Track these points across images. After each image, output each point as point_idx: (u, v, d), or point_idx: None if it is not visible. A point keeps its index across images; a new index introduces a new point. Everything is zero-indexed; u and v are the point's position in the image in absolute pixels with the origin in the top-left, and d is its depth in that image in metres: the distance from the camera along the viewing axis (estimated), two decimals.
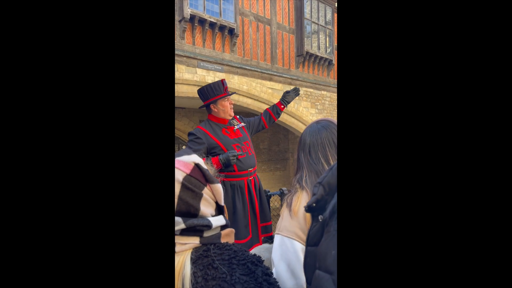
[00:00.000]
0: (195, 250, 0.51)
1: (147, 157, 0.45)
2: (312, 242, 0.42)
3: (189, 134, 1.77)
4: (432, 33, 0.35)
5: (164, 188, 0.45)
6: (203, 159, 0.59)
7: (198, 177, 0.54)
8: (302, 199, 0.71)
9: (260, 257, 0.52)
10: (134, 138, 0.44)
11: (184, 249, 0.50)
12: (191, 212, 0.52)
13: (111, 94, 0.44)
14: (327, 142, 0.75)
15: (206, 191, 0.54)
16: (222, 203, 0.57)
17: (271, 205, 2.25)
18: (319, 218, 0.41)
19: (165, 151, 0.46)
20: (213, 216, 0.55)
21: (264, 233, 1.82)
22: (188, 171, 0.53)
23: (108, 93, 0.44)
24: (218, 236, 0.54)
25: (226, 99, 1.81)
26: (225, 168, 1.70)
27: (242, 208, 1.74)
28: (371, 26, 0.38)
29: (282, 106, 2.06)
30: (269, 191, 2.03)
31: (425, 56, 0.35)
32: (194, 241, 0.51)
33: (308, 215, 0.66)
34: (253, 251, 1.14)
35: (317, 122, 0.81)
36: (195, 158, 0.56)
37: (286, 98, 2.06)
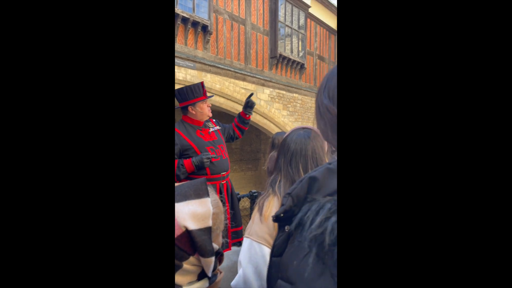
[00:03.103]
0: None
1: (146, 156, 0.43)
2: (277, 252, 0.42)
3: None
4: (431, 33, 0.35)
5: (164, 188, 0.42)
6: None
7: (184, 246, 0.44)
8: (273, 204, 0.73)
9: None
10: (132, 137, 0.43)
11: None
12: None
13: (110, 94, 0.43)
14: (311, 154, 0.75)
15: (189, 261, 0.44)
16: (209, 274, 0.47)
17: (242, 204, 2.24)
18: (286, 228, 0.40)
19: (165, 150, 0.43)
20: (190, 283, 0.46)
21: (234, 238, 1.81)
22: (175, 235, 0.43)
23: (107, 92, 0.43)
24: None
25: (205, 102, 1.79)
26: (198, 171, 1.67)
27: None
28: (371, 25, 0.37)
29: (247, 115, 2.04)
30: (238, 193, 2.02)
31: (424, 56, 0.35)
32: None
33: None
34: None
35: (303, 129, 0.81)
36: (189, 212, 0.43)
37: (246, 111, 2.03)
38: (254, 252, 0.71)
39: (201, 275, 0.47)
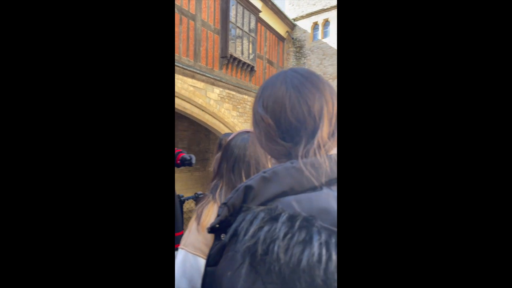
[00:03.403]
0: None
1: (145, 155, 0.44)
2: (212, 262, 0.41)
3: None
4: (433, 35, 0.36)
5: (164, 190, 0.44)
6: None
7: None
8: (212, 213, 0.70)
9: None
10: (132, 135, 0.44)
11: None
12: None
13: (109, 96, 0.43)
14: (253, 160, 0.73)
15: None
16: None
17: (186, 206, 2.14)
18: (222, 236, 0.40)
19: (164, 150, 0.45)
20: None
21: (175, 244, 1.72)
22: None
23: (106, 94, 0.43)
24: None
25: None
26: None
27: None
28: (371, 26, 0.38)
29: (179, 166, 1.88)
30: (182, 196, 1.93)
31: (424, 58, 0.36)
32: None
33: None
34: None
35: (247, 132, 0.79)
36: None
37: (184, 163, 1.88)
38: (189, 264, 0.67)
39: None
